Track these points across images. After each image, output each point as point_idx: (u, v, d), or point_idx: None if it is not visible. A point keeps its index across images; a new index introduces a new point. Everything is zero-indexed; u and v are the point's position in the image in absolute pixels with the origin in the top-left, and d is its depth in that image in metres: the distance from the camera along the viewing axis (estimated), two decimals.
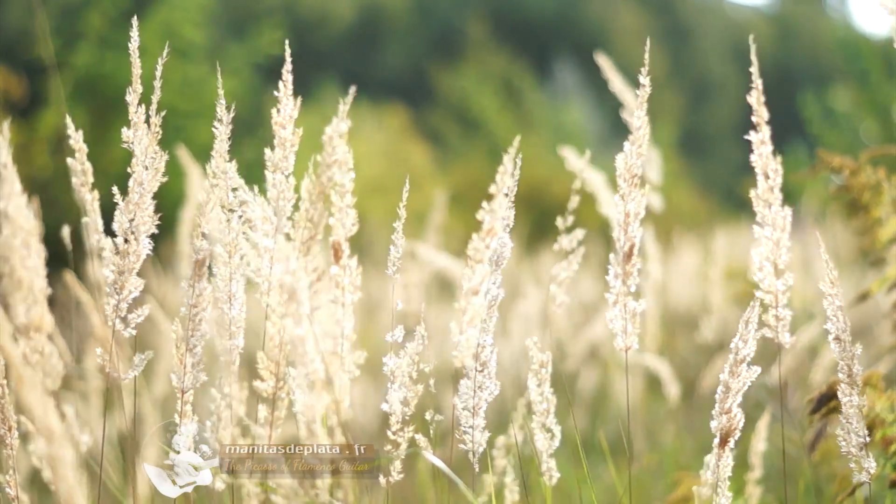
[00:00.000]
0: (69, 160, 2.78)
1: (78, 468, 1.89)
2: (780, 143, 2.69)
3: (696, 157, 32.05)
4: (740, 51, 39.18)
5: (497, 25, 33.31)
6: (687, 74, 35.70)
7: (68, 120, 2.78)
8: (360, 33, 33.38)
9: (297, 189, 2.60)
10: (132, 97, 2.54)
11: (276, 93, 2.59)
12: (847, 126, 14.33)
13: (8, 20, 15.65)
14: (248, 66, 14.81)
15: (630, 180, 2.57)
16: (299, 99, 2.61)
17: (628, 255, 2.59)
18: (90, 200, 2.79)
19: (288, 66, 2.57)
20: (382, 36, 33.84)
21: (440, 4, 35.11)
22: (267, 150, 2.58)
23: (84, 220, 2.82)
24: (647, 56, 2.57)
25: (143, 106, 2.56)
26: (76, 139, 2.77)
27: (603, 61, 4.78)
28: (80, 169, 2.79)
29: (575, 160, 4.39)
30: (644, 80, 2.56)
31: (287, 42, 2.69)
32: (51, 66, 13.27)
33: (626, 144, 2.58)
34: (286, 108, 2.59)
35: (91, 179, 2.77)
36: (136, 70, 2.56)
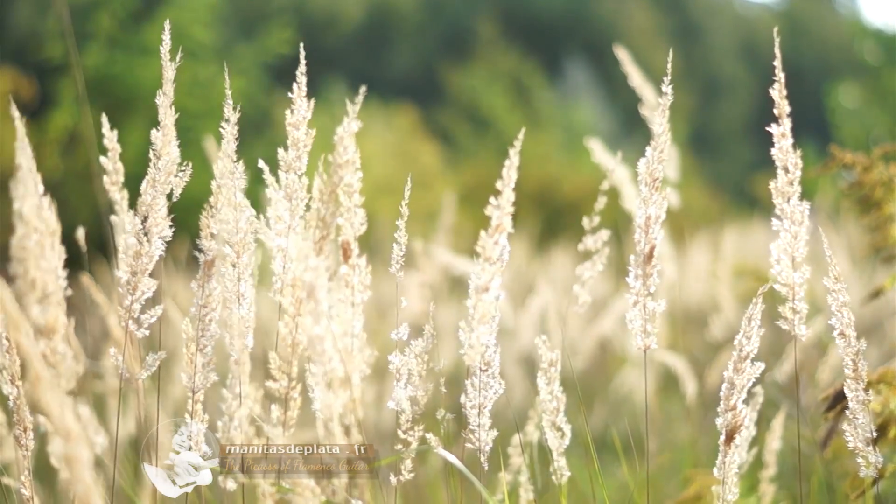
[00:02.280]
0: (102, 159, 2.79)
1: (93, 468, 1.90)
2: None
3: (707, 155, 32.03)
4: (750, 48, 39.14)
5: (507, 24, 33.31)
6: (697, 72, 35.69)
7: (104, 118, 2.80)
8: (369, 33, 33.40)
9: (308, 189, 2.61)
10: (163, 100, 2.55)
11: (289, 94, 2.59)
12: (860, 121, 14.37)
13: (17, 22, 15.69)
14: (256, 65, 14.83)
15: (651, 184, 2.57)
16: (312, 101, 2.61)
17: (649, 257, 2.60)
18: (120, 200, 2.81)
19: (302, 69, 2.58)
20: (392, 35, 33.85)
21: (450, 3, 35.11)
22: (280, 151, 2.58)
23: (112, 218, 2.83)
24: (669, 65, 2.58)
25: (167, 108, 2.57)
26: (110, 138, 2.78)
27: (622, 55, 4.74)
28: (112, 168, 2.80)
29: (604, 156, 4.38)
30: (666, 87, 2.57)
31: (292, 43, 2.70)
32: (71, 65, 13.28)
33: (648, 149, 2.59)
34: (300, 109, 2.60)
35: (121, 179, 2.79)
36: (169, 74, 2.56)
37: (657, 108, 2.45)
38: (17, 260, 3.00)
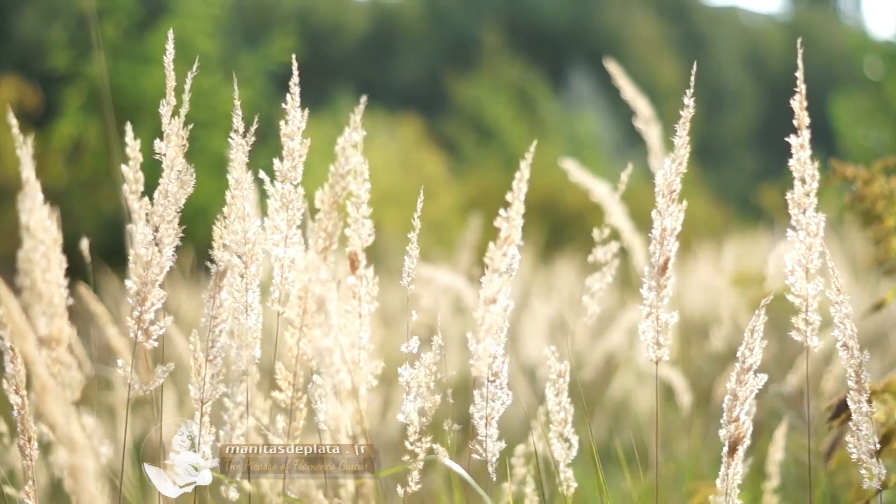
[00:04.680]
0: (123, 167, 2.79)
1: (99, 478, 1.90)
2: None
3: (711, 166, 32.01)
4: (755, 59, 39.15)
5: (511, 34, 33.33)
6: (702, 83, 35.61)
7: (128, 127, 2.80)
8: (374, 42, 33.43)
9: (307, 198, 2.61)
10: (166, 109, 2.55)
11: (283, 105, 2.60)
12: (864, 132, 14.38)
13: (22, 31, 15.71)
14: (260, 74, 14.85)
15: (668, 196, 2.57)
16: (306, 111, 2.62)
17: (663, 269, 2.60)
18: (139, 209, 2.79)
19: (295, 79, 2.58)
20: (396, 45, 33.88)
21: (454, 13, 35.15)
22: (276, 161, 2.59)
23: (129, 227, 2.82)
24: (692, 77, 2.58)
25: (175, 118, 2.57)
26: (133, 147, 2.78)
27: (614, 69, 4.71)
28: (133, 177, 2.79)
29: (581, 176, 4.35)
30: (688, 99, 2.56)
31: (296, 53, 2.70)
32: (71, 75, 13.29)
33: (667, 161, 2.59)
34: (294, 119, 2.60)
35: (141, 188, 2.78)
36: (171, 82, 2.56)
37: (651, 120, 2.48)
38: (23, 272, 3.01)
